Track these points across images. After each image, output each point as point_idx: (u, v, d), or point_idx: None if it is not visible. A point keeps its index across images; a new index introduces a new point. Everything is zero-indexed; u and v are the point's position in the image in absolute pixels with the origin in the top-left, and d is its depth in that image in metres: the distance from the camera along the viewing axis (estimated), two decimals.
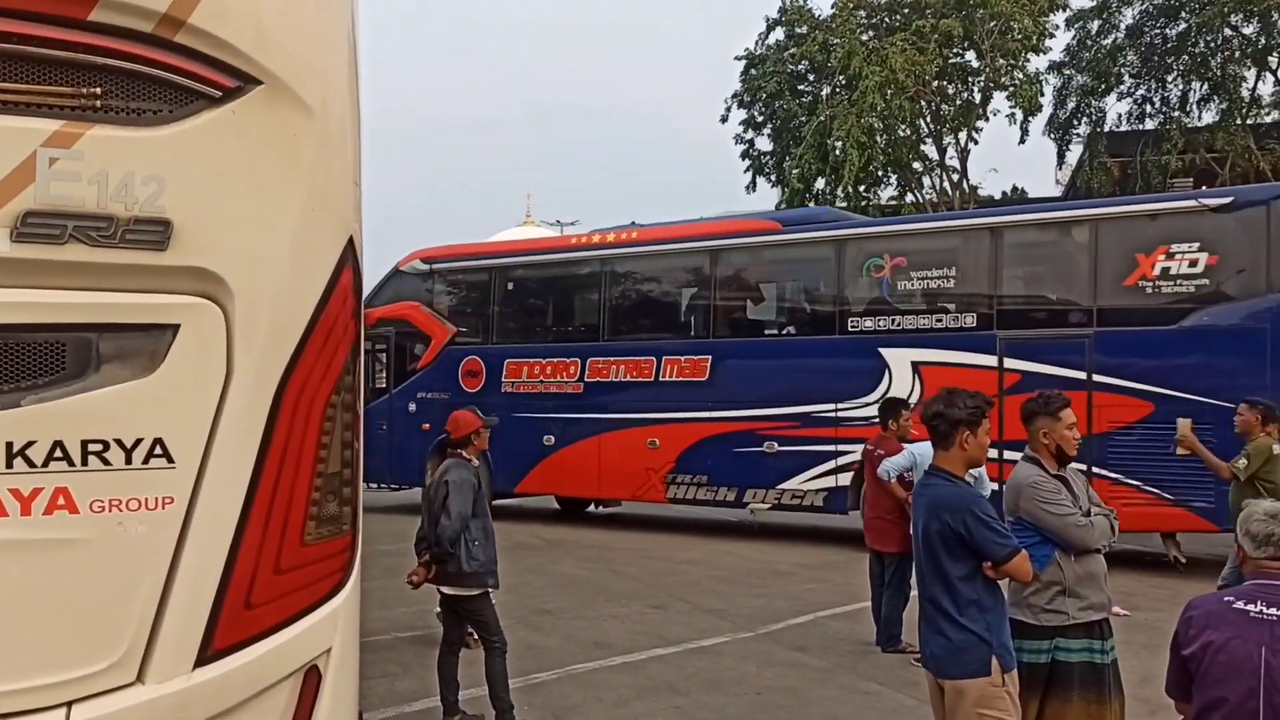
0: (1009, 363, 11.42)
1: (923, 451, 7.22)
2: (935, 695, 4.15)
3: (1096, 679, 4.53)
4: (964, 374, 11.33)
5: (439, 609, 7.85)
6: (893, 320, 12.40)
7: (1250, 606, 3.40)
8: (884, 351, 12.27)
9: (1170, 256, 10.74)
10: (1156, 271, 10.76)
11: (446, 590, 6.18)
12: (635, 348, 14.13)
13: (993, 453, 11.12)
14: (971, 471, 5.69)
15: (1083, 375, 10.96)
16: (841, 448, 12.40)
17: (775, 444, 12.90)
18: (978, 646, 3.91)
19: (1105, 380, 10.86)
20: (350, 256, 2.89)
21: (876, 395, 12.01)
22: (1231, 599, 3.49)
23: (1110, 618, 4.69)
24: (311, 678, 2.82)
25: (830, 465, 12.66)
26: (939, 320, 12.10)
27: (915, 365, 12.03)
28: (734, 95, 33.99)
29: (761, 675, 7.16)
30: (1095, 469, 10.69)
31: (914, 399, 11.44)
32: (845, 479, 12.38)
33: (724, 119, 34.27)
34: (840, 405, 12.52)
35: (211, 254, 2.62)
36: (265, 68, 2.66)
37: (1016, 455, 11.52)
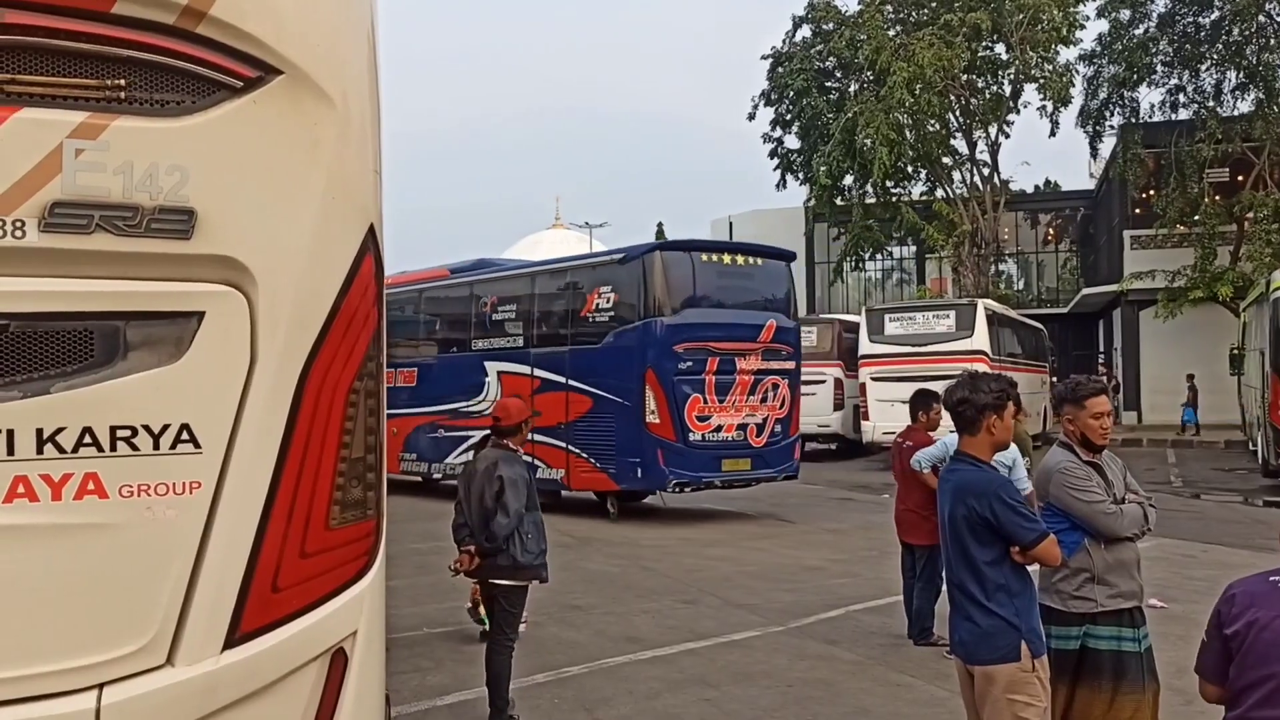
0: (537, 372, 15.36)
1: (955, 443, 7.16)
2: (965, 682, 4.13)
3: (1127, 667, 4.48)
4: (518, 380, 15.57)
5: (470, 605, 7.90)
6: (489, 343, 16.51)
7: None
8: (486, 364, 16.40)
9: (600, 295, 14.63)
10: (594, 306, 14.67)
11: (501, 581, 6.14)
12: (387, 362, 19.22)
13: (553, 441, 15.04)
14: (1002, 458, 5.68)
15: (565, 379, 14.84)
16: (469, 434, 16.02)
17: (442, 430, 17.04)
18: (1006, 631, 3.89)
19: (573, 384, 14.68)
20: (371, 244, 2.91)
21: (482, 396, 16.39)
22: (1276, 578, 3.44)
23: (1144, 607, 4.65)
24: (338, 660, 2.85)
25: (465, 446, 16.07)
26: (508, 342, 16.12)
27: (499, 374, 16.10)
28: (761, 94, 33.98)
29: (793, 668, 7.15)
30: (570, 447, 14.68)
31: (494, 401, 15.41)
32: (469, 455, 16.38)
33: (751, 117, 34.32)
34: (468, 403, 16.63)
35: (235, 242, 2.65)
36: (285, 58, 2.70)
37: (552, 441, 14.48)
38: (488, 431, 6.44)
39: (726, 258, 14.99)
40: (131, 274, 2.59)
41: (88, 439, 2.55)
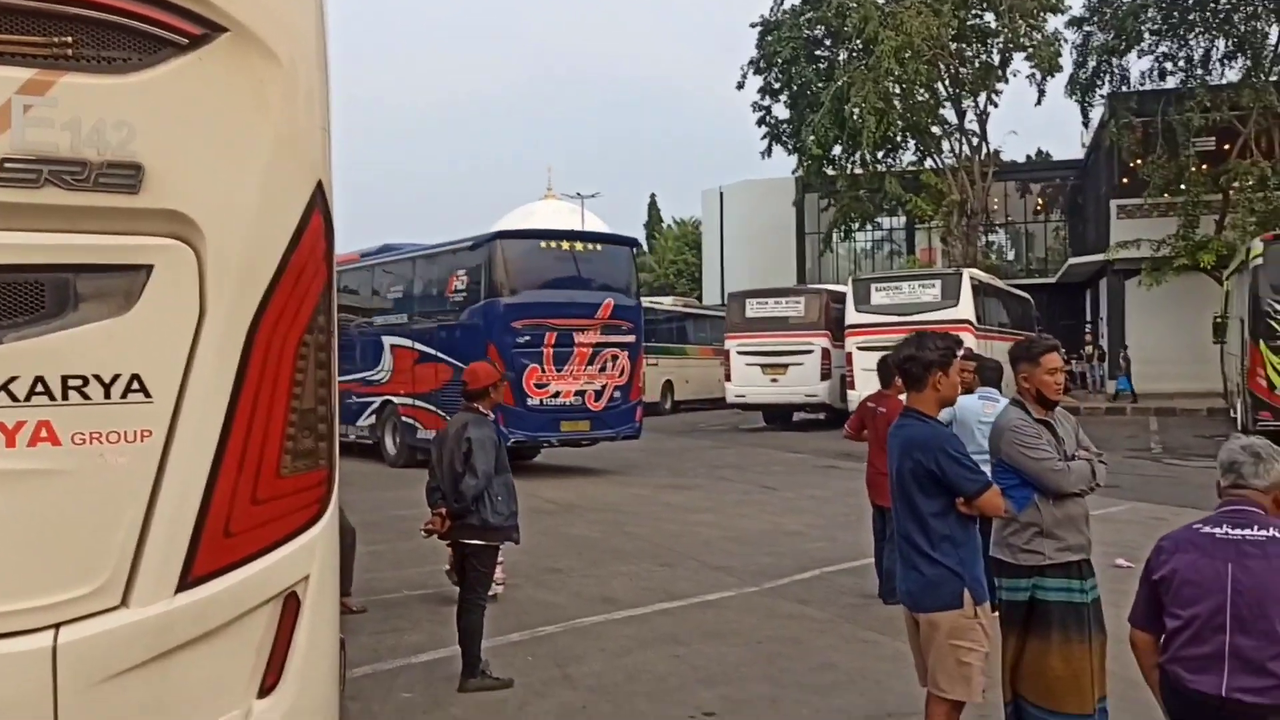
0: (416, 345, 17.16)
1: (963, 405, 6.96)
2: (912, 630, 4.25)
3: (1077, 618, 4.61)
4: (405, 352, 17.33)
5: (448, 568, 8.02)
6: (385, 319, 17.96)
7: (1216, 529, 3.56)
8: (383, 339, 17.91)
9: (458, 278, 16.47)
10: (454, 288, 16.52)
11: (471, 542, 6.23)
12: None
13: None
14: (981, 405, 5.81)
15: (435, 351, 16.61)
16: (369, 400, 18.12)
17: (354, 397, 18.01)
18: (950, 580, 4.01)
19: (440, 355, 16.45)
20: (320, 201, 2.99)
21: (380, 366, 17.98)
22: (1200, 525, 3.64)
23: (1114, 565, 4.75)
24: (291, 603, 2.95)
25: (370, 410, 18.17)
26: (396, 319, 17.68)
27: (392, 347, 17.68)
28: (750, 62, 33.85)
29: (763, 627, 7.28)
30: (439, 411, 15.89)
31: (389, 373, 17.75)
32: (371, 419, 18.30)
33: (740, 86, 34.18)
34: (370, 374, 18.16)
35: (182, 197, 2.73)
36: (231, 16, 2.76)
37: (428, 406, 16.60)
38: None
39: (565, 244, 16.94)
40: (80, 227, 2.66)
41: (40, 388, 2.63)
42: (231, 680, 2.87)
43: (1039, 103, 30.57)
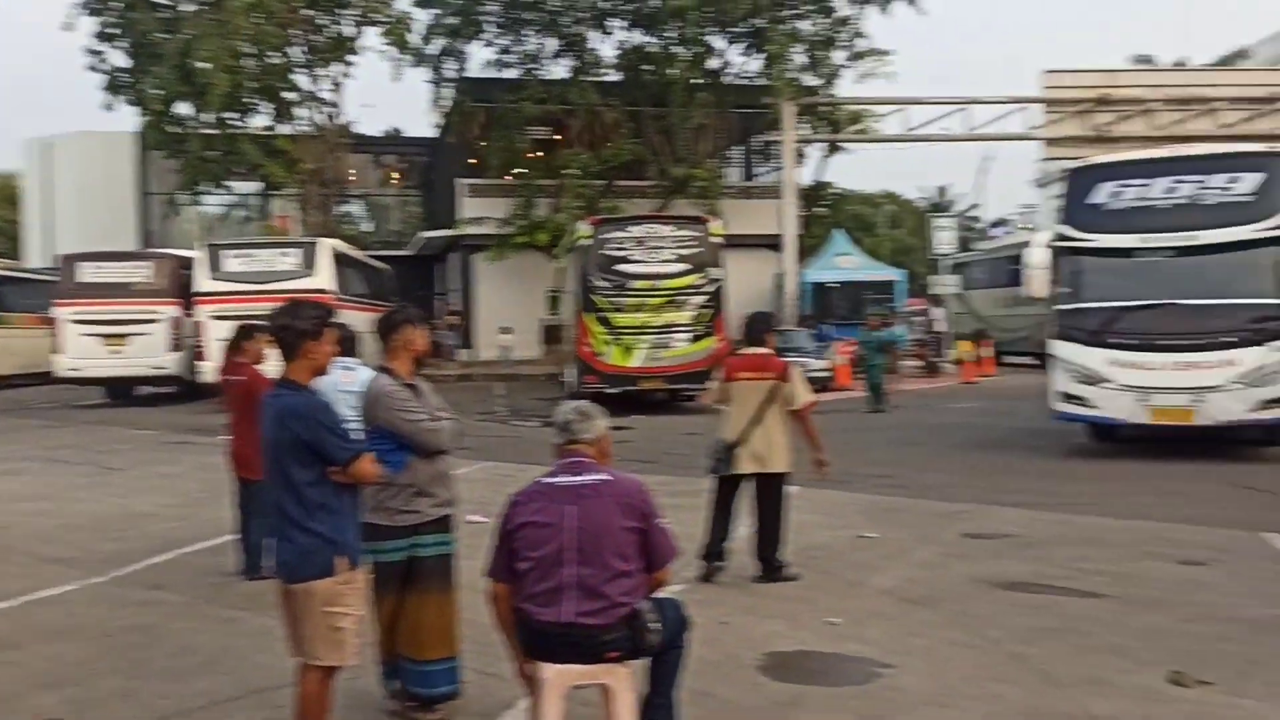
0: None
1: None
2: (284, 602, 4.19)
3: (446, 570, 4.97)
4: None
5: None
6: None
7: (557, 479, 4.11)
8: None
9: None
10: None
11: None
12: None
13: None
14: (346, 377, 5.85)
15: None
16: None
17: None
18: (324, 548, 4.03)
19: None
20: None
21: None
22: (544, 478, 4.16)
23: (467, 521, 5.10)
24: None
25: None
26: None
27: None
28: (82, 3, 30.52)
29: (113, 618, 6.71)
30: None
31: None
32: None
33: (69, 27, 30.62)
34: None
35: None
36: None
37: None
38: None
39: None
40: None
41: None
42: None
43: (397, 79, 31.46)
